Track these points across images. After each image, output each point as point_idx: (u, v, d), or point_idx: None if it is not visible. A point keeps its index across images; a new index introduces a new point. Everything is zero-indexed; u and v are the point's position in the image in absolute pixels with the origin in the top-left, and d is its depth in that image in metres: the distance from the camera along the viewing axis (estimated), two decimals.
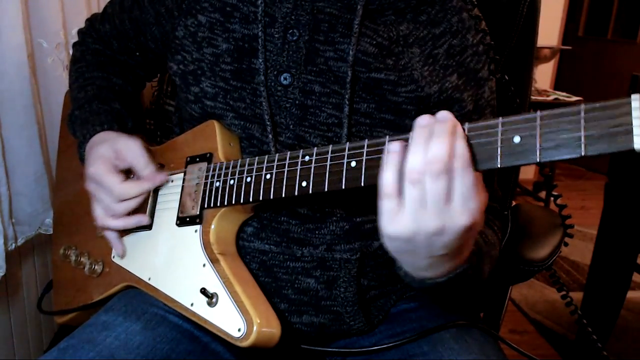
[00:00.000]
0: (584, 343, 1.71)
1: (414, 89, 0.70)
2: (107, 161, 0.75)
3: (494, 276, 0.75)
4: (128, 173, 0.78)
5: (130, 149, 0.76)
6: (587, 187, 3.81)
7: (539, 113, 0.46)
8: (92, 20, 0.93)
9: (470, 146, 0.49)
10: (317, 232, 0.72)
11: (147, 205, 0.79)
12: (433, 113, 0.51)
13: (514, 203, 1.01)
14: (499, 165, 0.48)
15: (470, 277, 0.61)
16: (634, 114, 0.40)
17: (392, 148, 0.51)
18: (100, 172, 0.74)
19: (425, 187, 0.48)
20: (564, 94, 3.24)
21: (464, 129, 0.50)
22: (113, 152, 0.76)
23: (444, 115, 0.50)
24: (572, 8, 3.92)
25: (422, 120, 0.50)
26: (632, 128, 0.40)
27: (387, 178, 0.50)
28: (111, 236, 0.80)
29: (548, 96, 3.13)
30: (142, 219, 0.78)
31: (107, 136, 0.79)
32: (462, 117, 0.72)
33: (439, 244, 0.51)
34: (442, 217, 0.49)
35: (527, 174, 3.77)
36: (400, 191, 0.50)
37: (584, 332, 0.82)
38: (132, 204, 0.76)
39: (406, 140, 0.51)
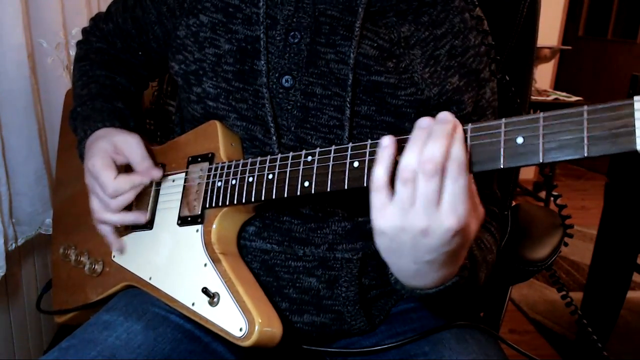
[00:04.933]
0: (584, 343, 1.72)
1: (413, 92, 0.70)
2: (106, 155, 0.75)
3: (494, 276, 0.75)
4: (127, 169, 0.78)
5: (127, 144, 0.76)
6: (587, 187, 3.81)
7: (541, 114, 0.45)
8: (96, 20, 0.94)
9: (469, 150, 0.49)
10: (319, 231, 0.72)
11: (148, 204, 0.79)
12: (433, 115, 0.51)
13: (514, 203, 1.01)
14: (502, 166, 0.48)
15: (462, 288, 0.60)
16: (637, 115, 0.40)
17: (384, 143, 0.52)
18: (97, 166, 0.74)
19: (416, 186, 0.49)
20: (564, 94, 3.24)
21: (465, 131, 0.50)
22: (111, 146, 0.76)
23: (445, 116, 0.50)
24: (572, 8, 3.92)
25: (423, 122, 0.51)
26: (634, 130, 0.40)
27: (378, 172, 0.51)
28: (106, 231, 0.79)
29: (548, 96, 3.13)
30: (140, 217, 0.77)
31: (106, 132, 0.79)
32: (460, 119, 0.72)
33: (425, 247, 0.51)
34: (428, 217, 0.49)
35: (527, 174, 3.77)
36: (390, 186, 0.51)
37: (584, 332, 0.82)
38: (126, 198, 0.75)
39: (405, 140, 0.52)
